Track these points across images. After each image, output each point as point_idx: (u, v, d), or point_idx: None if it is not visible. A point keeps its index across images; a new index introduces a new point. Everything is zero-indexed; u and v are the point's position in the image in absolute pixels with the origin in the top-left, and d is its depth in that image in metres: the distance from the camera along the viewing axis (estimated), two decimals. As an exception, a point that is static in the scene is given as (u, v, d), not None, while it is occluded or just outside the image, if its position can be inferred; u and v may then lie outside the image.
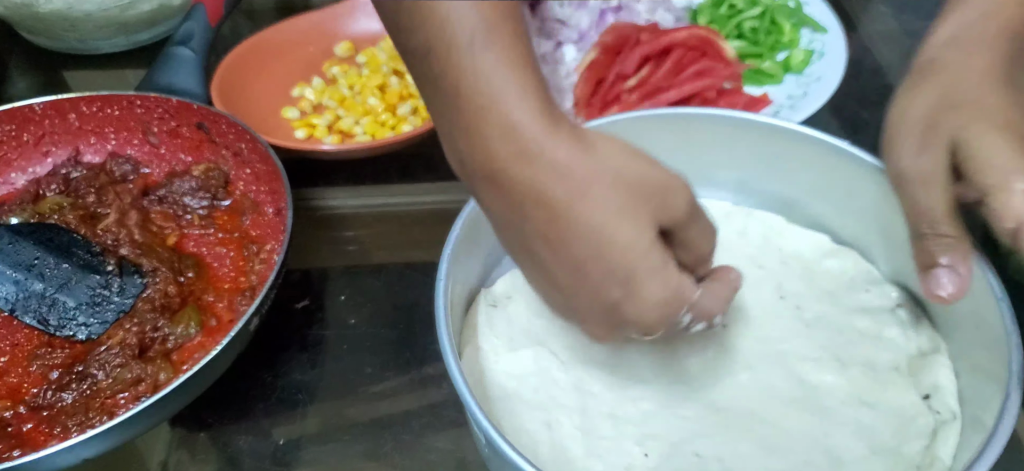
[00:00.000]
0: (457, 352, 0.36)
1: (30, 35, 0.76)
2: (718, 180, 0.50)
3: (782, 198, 0.49)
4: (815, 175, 0.48)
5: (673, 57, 0.63)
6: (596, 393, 0.41)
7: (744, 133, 0.48)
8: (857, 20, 0.79)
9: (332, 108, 0.66)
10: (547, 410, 0.40)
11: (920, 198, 0.37)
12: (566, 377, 0.42)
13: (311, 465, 0.45)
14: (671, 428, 0.40)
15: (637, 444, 0.39)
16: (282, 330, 0.51)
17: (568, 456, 0.38)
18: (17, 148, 0.57)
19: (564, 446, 0.39)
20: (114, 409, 0.43)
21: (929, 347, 0.43)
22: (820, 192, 0.48)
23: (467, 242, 0.42)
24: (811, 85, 0.65)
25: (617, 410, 0.40)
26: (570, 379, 0.42)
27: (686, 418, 0.40)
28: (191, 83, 0.59)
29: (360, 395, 0.48)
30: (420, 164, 0.62)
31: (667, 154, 0.35)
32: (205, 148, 0.57)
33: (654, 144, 0.36)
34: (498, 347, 0.43)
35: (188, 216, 0.54)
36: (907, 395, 0.41)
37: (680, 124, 0.48)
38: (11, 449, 0.42)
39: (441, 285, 0.39)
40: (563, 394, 0.41)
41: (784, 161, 0.48)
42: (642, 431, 0.40)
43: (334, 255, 0.57)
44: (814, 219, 0.49)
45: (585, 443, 0.39)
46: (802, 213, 0.49)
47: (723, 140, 0.48)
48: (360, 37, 0.72)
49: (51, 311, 0.48)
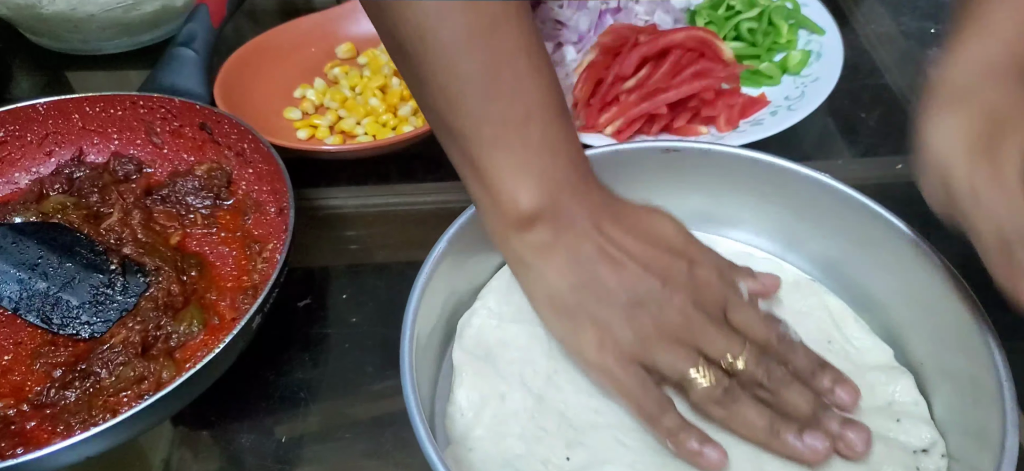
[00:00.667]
0: (421, 404, 0.36)
1: (34, 36, 0.76)
2: (807, 251, 0.48)
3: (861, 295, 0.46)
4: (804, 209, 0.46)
5: (671, 58, 0.64)
6: (561, 387, 0.41)
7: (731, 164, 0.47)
8: (854, 21, 0.80)
9: (334, 109, 0.66)
10: (509, 384, 0.41)
11: (1002, 205, 0.33)
12: (546, 363, 0.42)
13: (313, 463, 0.45)
14: (606, 449, 0.39)
15: (566, 447, 0.39)
16: (284, 329, 0.51)
17: (501, 430, 0.39)
18: (21, 148, 0.57)
19: (505, 421, 0.40)
20: (117, 407, 0.44)
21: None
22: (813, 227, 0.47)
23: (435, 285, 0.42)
24: (808, 86, 0.66)
25: (569, 412, 0.41)
26: (547, 368, 0.42)
27: (626, 446, 0.39)
28: (194, 84, 0.60)
29: (362, 393, 0.48)
30: (421, 164, 0.63)
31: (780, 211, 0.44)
32: (208, 148, 0.58)
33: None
34: (504, 314, 0.44)
35: (191, 215, 0.55)
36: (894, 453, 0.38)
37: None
38: (14, 447, 0.42)
39: (407, 332, 0.39)
40: (533, 377, 0.42)
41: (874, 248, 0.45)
42: (579, 439, 0.39)
43: (336, 254, 0.57)
44: (885, 326, 0.45)
45: (523, 426, 0.39)
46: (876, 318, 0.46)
47: (826, 210, 0.46)
48: (361, 39, 0.73)
49: (54, 310, 0.48)
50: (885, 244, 0.44)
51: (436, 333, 0.44)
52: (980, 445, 0.36)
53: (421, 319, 0.40)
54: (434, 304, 0.43)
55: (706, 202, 0.50)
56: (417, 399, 0.36)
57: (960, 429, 0.39)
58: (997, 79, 0.38)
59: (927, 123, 0.38)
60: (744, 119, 0.63)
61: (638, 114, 0.60)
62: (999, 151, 0.34)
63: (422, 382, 0.39)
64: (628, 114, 0.60)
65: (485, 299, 0.45)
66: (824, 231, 0.47)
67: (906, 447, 0.39)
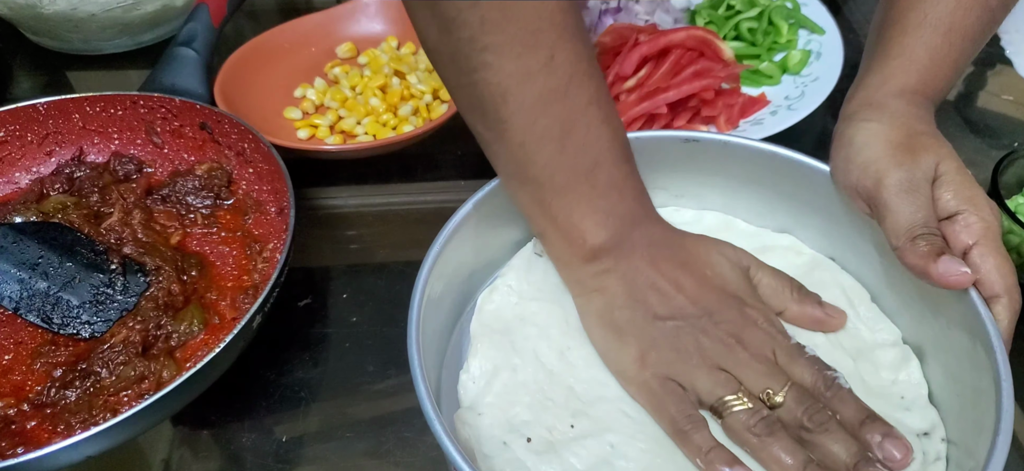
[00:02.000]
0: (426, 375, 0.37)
1: (34, 36, 0.76)
2: (817, 236, 0.49)
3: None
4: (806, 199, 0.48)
5: (671, 58, 0.64)
6: (573, 363, 0.42)
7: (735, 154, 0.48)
8: (854, 21, 0.80)
9: (334, 108, 0.66)
10: (523, 357, 0.42)
11: (919, 205, 0.40)
12: (561, 339, 0.43)
13: (313, 462, 0.45)
14: (610, 419, 0.40)
15: (571, 416, 0.40)
16: (285, 328, 0.51)
17: (511, 398, 0.41)
18: (21, 148, 0.57)
19: (515, 390, 0.41)
20: (117, 407, 0.44)
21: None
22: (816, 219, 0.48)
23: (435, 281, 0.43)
24: (808, 85, 0.66)
25: (578, 386, 0.42)
26: (561, 344, 0.43)
27: (629, 417, 0.40)
28: (194, 83, 0.60)
29: (362, 393, 0.48)
30: (421, 164, 0.63)
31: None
32: (208, 148, 0.58)
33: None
34: (524, 292, 0.45)
35: (191, 215, 0.55)
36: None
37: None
38: (15, 446, 0.42)
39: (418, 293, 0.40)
40: (547, 352, 0.43)
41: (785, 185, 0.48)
42: (584, 410, 0.40)
43: (336, 254, 0.58)
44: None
45: (532, 396, 0.41)
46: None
47: (816, 191, 0.47)
48: (362, 38, 0.73)
49: (55, 309, 0.48)
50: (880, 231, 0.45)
51: (445, 300, 0.45)
52: (976, 431, 0.37)
53: (434, 278, 0.42)
54: (447, 268, 0.44)
55: (725, 189, 0.51)
56: (420, 349, 0.38)
57: (956, 413, 0.40)
58: (910, 101, 0.44)
59: (850, 126, 0.44)
60: (744, 119, 0.63)
61: (638, 114, 0.60)
62: (916, 158, 0.40)
63: (429, 348, 0.40)
64: (628, 114, 0.60)
65: (506, 277, 0.46)
66: (832, 219, 0.48)
67: (909, 429, 0.39)
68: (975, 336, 0.38)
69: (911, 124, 0.42)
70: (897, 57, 0.45)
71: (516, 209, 0.44)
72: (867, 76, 0.46)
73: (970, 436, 0.38)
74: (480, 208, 0.45)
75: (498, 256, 0.48)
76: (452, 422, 0.40)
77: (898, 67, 0.45)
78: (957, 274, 0.38)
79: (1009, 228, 0.49)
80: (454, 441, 0.34)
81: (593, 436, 0.39)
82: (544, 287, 0.45)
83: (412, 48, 0.72)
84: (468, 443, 0.39)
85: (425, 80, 0.68)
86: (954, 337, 0.40)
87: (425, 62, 0.70)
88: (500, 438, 0.39)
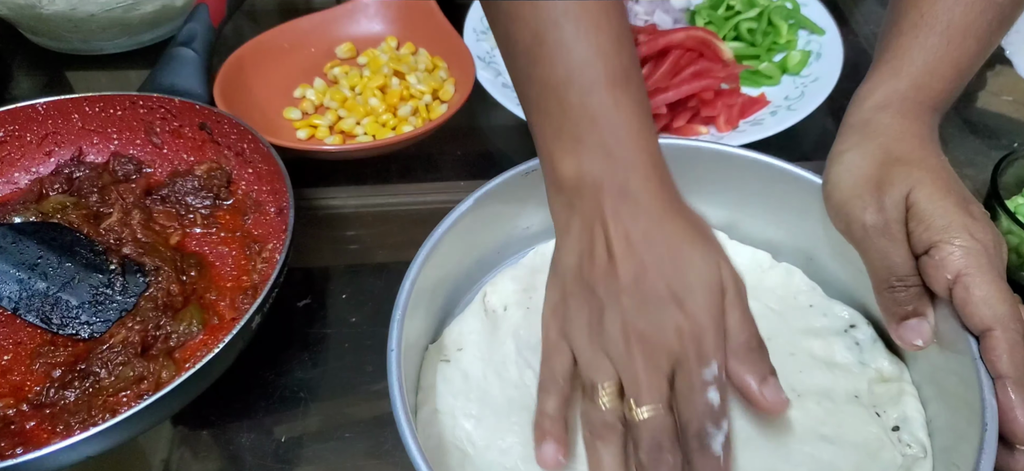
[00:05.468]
0: (412, 419, 0.37)
1: (33, 36, 0.76)
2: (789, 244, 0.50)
3: (722, 220, 0.50)
4: (752, 194, 0.48)
5: (671, 58, 0.64)
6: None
7: (678, 155, 0.47)
8: (854, 21, 0.80)
9: (333, 109, 0.66)
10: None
11: (889, 251, 0.39)
12: (521, 451, 0.41)
13: (312, 463, 0.45)
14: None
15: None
16: (284, 329, 0.51)
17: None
18: (20, 148, 0.57)
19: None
20: (116, 407, 0.44)
21: (890, 372, 0.42)
22: (759, 211, 0.49)
23: (417, 299, 0.43)
24: (808, 86, 0.66)
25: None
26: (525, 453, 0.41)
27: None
28: (194, 84, 0.60)
29: (361, 393, 0.48)
30: (420, 164, 0.63)
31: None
32: (207, 148, 0.58)
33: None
34: (455, 409, 0.42)
35: (190, 215, 0.55)
36: (868, 427, 0.39)
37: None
38: (14, 447, 0.42)
39: (393, 355, 0.39)
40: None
41: (725, 182, 0.48)
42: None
43: (335, 254, 0.58)
44: (753, 238, 0.50)
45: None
46: (741, 232, 0.50)
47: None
48: (361, 38, 0.73)
49: (54, 310, 0.48)
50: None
51: (440, 289, 0.45)
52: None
53: (430, 265, 0.42)
54: (445, 259, 0.44)
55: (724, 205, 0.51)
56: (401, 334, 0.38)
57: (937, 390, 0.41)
58: (899, 114, 0.42)
59: (833, 161, 0.43)
60: (744, 119, 0.63)
61: (638, 114, 0.60)
62: (884, 194, 0.40)
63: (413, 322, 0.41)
64: (628, 114, 0.60)
65: (429, 402, 0.44)
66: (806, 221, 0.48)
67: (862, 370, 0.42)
68: (968, 385, 0.37)
69: (889, 148, 0.41)
70: (890, 60, 0.44)
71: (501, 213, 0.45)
72: (863, 84, 0.46)
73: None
74: (482, 201, 0.45)
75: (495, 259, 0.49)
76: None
77: (888, 71, 0.44)
78: (911, 344, 0.39)
79: (1009, 228, 0.49)
80: (420, 447, 0.34)
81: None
82: (470, 393, 0.43)
83: (412, 48, 0.72)
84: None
85: (424, 80, 0.68)
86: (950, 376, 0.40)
87: (424, 62, 0.70)
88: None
